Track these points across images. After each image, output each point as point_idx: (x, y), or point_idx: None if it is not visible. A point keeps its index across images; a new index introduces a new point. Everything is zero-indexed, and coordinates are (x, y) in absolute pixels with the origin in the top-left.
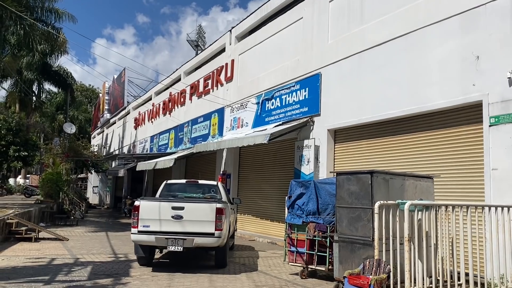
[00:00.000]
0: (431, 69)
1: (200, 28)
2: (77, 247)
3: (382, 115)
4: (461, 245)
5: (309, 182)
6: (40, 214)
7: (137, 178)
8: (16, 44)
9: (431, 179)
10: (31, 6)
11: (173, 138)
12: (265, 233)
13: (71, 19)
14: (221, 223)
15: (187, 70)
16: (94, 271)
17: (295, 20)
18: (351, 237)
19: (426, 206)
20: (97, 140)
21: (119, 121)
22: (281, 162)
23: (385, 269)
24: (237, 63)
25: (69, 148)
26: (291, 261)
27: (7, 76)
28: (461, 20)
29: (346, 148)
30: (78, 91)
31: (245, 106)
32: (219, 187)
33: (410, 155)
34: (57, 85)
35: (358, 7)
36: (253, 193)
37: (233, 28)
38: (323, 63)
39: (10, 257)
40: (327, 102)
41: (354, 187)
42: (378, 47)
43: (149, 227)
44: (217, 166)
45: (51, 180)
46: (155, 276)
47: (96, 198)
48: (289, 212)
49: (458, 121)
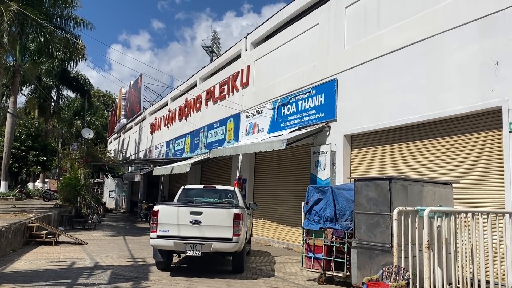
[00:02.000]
0: (449, 74)
1: (215, 34)
2: (96, 251)
3: (399, 120)
4: (481, 252)
5: (327, 187)
6: (59, 218)
7: (153, 183)
8: (36, 51)
9: (450, 185)
10: (50, 14)
11: (189, 143)
12: (281, 238)
13: (89, 26)
14: (239, 228)
15: (203, 76)
16: (114, 275)
17: (311, 26)
18: (370, 243)
19: (445, 213)
20: (113, 145)
21: (136, 126)
22: (297, 167)
23: (405, 276)
24: (252, 69)
25: (87, 153)
26: (309, 267)
27: (27, 82)
28: (480, 25)
29: (363, 154)
30: (95, 97)
31: (260, 111)
32: (236, 192)
33: (429, 161)
34: (75, 91)
35: (375, 12)
36: (269, 198)
37: (249, 35)
38: (340, 69)
39: (32, 261)
40: (344, 108)
41: (373, 193)
42: (396, 53)
43: (168, 231)
44: (233, 171)
45: (69, 184)
46: (174, 280)
47: (112, 203)
48: (306, 217)
49: (478, 127)
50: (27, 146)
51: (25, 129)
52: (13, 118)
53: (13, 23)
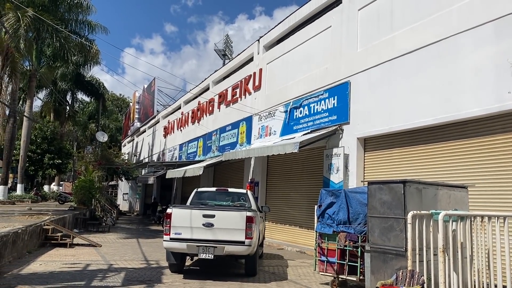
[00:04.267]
0: (464, 76)
1: (227, 38)
2: (110, 253)
3: (413, 123)
4: (498, 257)
5: (340, 191)
6: (73, 220)
7: (166, 186)
8: (51, 55)
9: (466, 188)
10: (66, 19)
11: (201, 146)
12: (293, 241)
13: (103, 30)
14: (251, 231)
15: (215, 79)
16: (128, 277)
17: (324, 29)
18: (383, 247)
19: (460, 217)
20: (127, 148)
21: (149, 129)
22: (310, 170)
23: (419, 280)
24: (265, 72)
25: (101, 156)
26: (322, 270)
27: (42, 86)
28: (495, 26)
29: (376, 157)
30: (109, 100)
31: (273, 114)
32: (248, 195)
33: (443, 164)
34: (89, 95)
35: (388, 14)
36: (281, 201)
37: (261, 38)
38: (353, 71)
39: (47, 262)
40: (357, 110)
41: (386, 196)
42: (409, 55)
43: (181, 234)
44: (245, 174)
45: (84, 187)
46: (187, 283)
47: (126, 205)
48: (319, 221)
49: (494, 129)
50: (43, 149)
51: (40, 133)
52: (29, 121)
53: (30, 28)
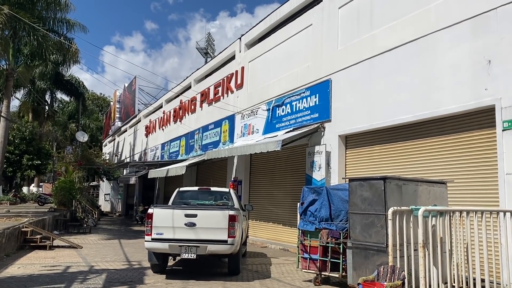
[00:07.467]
0: (442, 73)
1: (209, 36)
2: (91, 254)
3: (393, 120)
4: (476, 251)
5: (322, 188)
6: (54, 222)
7: (148, 186)
8: (29, 54)
9: (445, 184)
10: (43, 17)
11: (184, 145)
12: (277, 239)
13: (82, 29)
14: (234, 230)
15: (197, 77)
16: (109, 278)
17: (305, 27)
18: (365, 243)
19: (440, 212)
20: (108, 148)
21: (130, 129)
22: (292, 168)
23: (400, 276)
24: (247, 70)
25: (82, 156)
26: (304, 267)
27: (20, 86)
28: (472, 24)
29: (358, 154)
30: (89, 100)
31: (255, 112)
32: (231, 194)
33: (423, 161)
34: (69, 94)
35: (368, 13)
36: (265, 199)
37: (243, 36)
38: (333, 69)
39: (26, 265)
40: (338, 108)
41: (367, 193)
42: (389, 53)
43: (163, 234)
44: (228, 173)
45: (64, 188)
46: (169, 283)
47: (108, 206)
48: (301, 218)
49: (471, 126)
50: (21, 150)
51: (19, 133)
52: (7, 122)
53: (6, 27)
